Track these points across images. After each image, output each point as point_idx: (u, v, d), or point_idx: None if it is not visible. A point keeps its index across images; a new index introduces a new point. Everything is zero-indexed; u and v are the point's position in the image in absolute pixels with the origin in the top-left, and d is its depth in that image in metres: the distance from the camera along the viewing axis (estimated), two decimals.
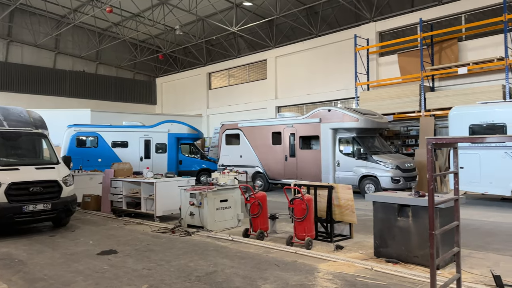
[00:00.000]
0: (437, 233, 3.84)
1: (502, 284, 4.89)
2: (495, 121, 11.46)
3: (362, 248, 7.05)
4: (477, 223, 9.23)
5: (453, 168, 4.39)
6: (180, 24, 24.22)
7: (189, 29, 25.82)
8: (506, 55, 14.42)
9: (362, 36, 19.49)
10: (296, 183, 8.00)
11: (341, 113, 14.45)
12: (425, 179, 14.14)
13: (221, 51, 27.35)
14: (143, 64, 31.94)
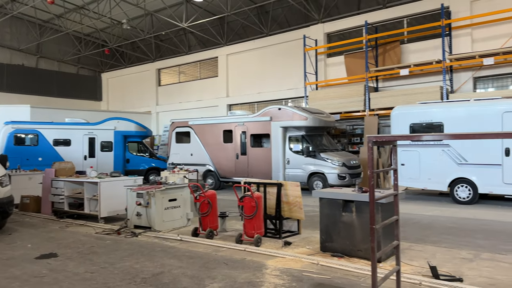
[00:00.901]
0: (377, 228, 3.99)
1: (437, 274, 5.19)
2: (433, 120, 12.16)
3: (309, 243, 7.20)
4: (417, 217, 9.75)
5: (393, 165, 4.59)
6: (127, 18, 23.44)
7: (137, 24, 25.07)
8: (443, 58, 15.35)
9: (311, 36, 19.92)
10: (246, 181, 8.02)
11: (291, 111, 14.69)
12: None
13: (171, 47, 26.81)
14: (88, 59, 30.59)
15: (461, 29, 15.93)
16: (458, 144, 11.66)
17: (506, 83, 15.39)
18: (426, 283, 4.94)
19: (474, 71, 15.70)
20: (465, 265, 5.80)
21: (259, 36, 22.59)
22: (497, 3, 15.07)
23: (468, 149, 11.49)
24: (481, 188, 11.26)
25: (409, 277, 5.11)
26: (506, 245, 6.91)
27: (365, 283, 4.99)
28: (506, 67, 15.06)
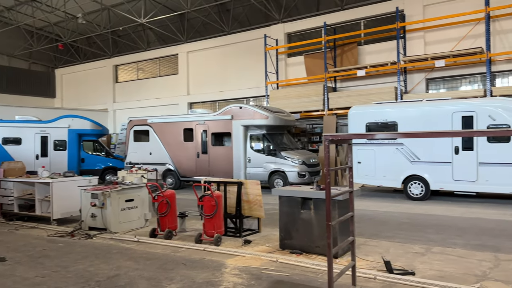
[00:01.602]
0: (333, 224, 4.07)
1: (391, 269, 5.37)
2: (388, 119, 12.60)
3: (269, 241, 7.25)
4: (373, 213, 10.07)
5: (349, 163, 4.70)
6: (83, 12, 22.57)
7: (93, 18, 24.19)
8: (398, 60, 15.92)
9: (272, 36, 20.05)
10: (206, 180, 7.95)
11: (252, 110, 14.72)
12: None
13: (129, 43, 26.10)
14: (41, 54, 29.19)
15: (415, 32, 16.59)
16: (411, 142, 12.14)
17: (456, 84, 16.20)
18: (380, 277, 5.09)
19: (427, 73, 16.41)
20: (417, 259, 6.04)
21: (220, 34, 22.46)
22: (448, 8, 15.82)
23: (420, 148, 11.99)
24: (432, 185, 11.79)
25: (364, 272, 5.26)
26: (455, 239, 7.27)
27: (322, 279, 5.08)
28: (456, 69, 15.85)
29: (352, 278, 4.44)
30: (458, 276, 5.25)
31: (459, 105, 11.46)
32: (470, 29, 15.34)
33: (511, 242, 6.90)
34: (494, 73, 15.08)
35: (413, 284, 4.85)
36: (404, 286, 4.82)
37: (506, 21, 14.79)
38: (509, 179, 10.62)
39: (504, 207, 10.48)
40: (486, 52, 14.31)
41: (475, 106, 11.19)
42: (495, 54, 14.47)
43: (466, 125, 11.22)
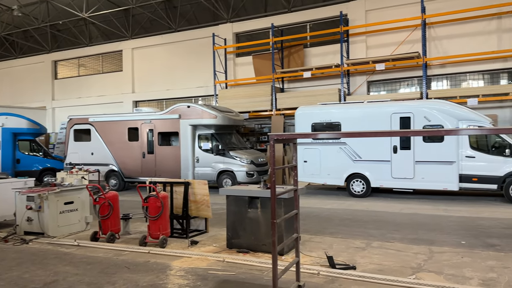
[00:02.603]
0: (278, 222, 4.14)
1: (334, 264, 5.56)
2: (332, 120, 13.02)
3: (216, 241, 7.22)
4: (317, 210, 10.36)
5: (294, 162, 4.79)
6: (18, 3, 21.14)
7: (31, 11, 22.73)
8: (341, 63, 16.50)
9: (220, 35, 19.99)
10: (152, 181, 7.76)
11: (200, 109, 14.58)
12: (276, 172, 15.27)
13: (69, 37, 24.83)
14: None
15: (358, 36, 17.29)
16: (354, 142, 12.64)
17: (395, 87, 17.09)
18: (323, 272, 5.26)
19: (368, 75, 17.16)
20: (358, 254, 6.30)
21: (167, 31, 22.01)
22: (388, 14, 16.63)
23: (362, 147, 12.52)
24: (373, 182, 12.35)
25: (309, 268, 5.40)
26: (393, 233, 7.66)
27: (267, 277, 5.15)
28: (395, 72, 16.71)
29: (296, 274, 4.54)
30: (396, 268, 5.54)
31: (398, 106, 12.11)
32: (408, 35, 16.24)
33: (443, 236, 7.40)
34: (429, 77, 16.09)
35: (354, 278, 5.05)
36: (345, 280, 5.00)
37: (440, 28, 15.83)
38: (442, 176, 11.38)
39: (438, 202, 11.22)
40: (422, 57, 15.22)
41: (412, 107, 11.87)
42: (430, 59, 15.45)
43: (403, 125, 11.87)
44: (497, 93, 14.22)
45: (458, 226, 8.17)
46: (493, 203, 10.84)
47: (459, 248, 6.49)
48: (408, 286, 4.75)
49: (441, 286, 4.70)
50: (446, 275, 5.24)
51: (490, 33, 15.08)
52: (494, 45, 14.97)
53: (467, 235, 7.39)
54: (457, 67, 15.61)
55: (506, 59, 14.79)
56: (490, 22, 15.08)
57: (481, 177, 11.03)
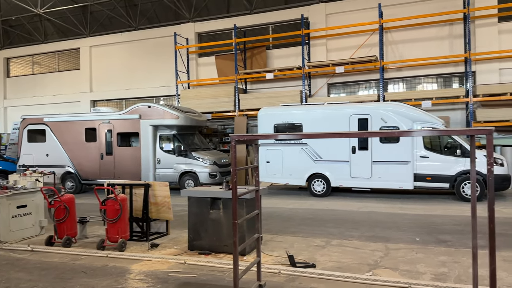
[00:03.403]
0: (239, 222, 4.15)
1: (294, 263, 5.65)
2: (294, 121, 13.21)
3: (178, 243, 7.14)
4: (280, 210, 10.47)
5: (255, 162, 4.83)
6: None
7: None
8: (303, 65, 16.77)
9: (182, 35, 19.77)
10: (110, 183, 7.56)
11: (161, 110, 14.35)
12: (238, 173, 15.30)
13: (23, 34, 23.70)
14: None
15: (318, 39, 17.64)
16: (315, 143, 12.88)
17: (354, 89, 17.57)
18: (284, 271, 5.33)
19: (328, 78, 17.54)
20: (318, 252, 6.44)
21: (127, 29, 21.50)
22: (348, 18, 17.08)
23: (322, 148, 12.78)
24: (333, 182, 12.64)
25: (270, 267, 5.45)
26: (352, 231, 7.88)
27: (229, 277, 5.16)
28: (354, 75, 17.19)
29: (257, 274, 4.57)
30: (354, 266, 5.70)
31: (356, 108, 12.47)
32: (366, 39, 16.76)
33: (399, 233, 7.70)
34: (386, 80, 16.68)
35: (314, 276, 5.16)
36: (305, 279, 5.10)
37: (397, 33, 16.45)
38: (398, 175, 11.83)
39: (394, 201, 11.64)
40: (379, 61, 15.75)
41: (369, 109, 12.26)
42: (387, 63, 16.02)
43: (362, 127, 12.24)
44: (449, 96, 14.95)
45: (413, 223, 8.53)
46: (445, 201, 11.39)
47: (414, 245, 6.77)
48: (365, 283, 4.91)
49: (396, 282, 4.89)
50: (401, 271, 5.45)
51: (443, 38, 15.84)
52: (447, 50, 15.75)
53: (421, 232, 7.73)
54: (412, 70, 16.28)
55: (457, 63, 15.59)
56: (442, 28, 15.85)
57: (434, 176, 11.56)
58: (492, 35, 15.04)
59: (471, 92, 14.59)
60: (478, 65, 15.23)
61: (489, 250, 3.33)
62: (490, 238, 3.34)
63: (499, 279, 4.98)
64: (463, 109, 15.53)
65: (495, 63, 15.05)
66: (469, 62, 14.70)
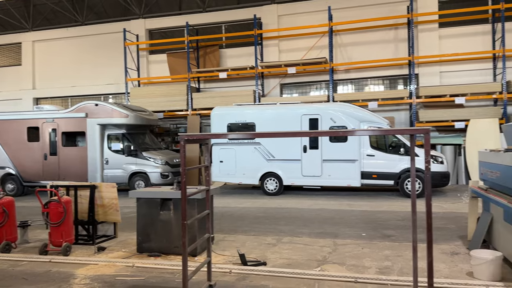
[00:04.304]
0: (189, 222, 4.11)
1: (245, 261, 5.68)
2: (247, 120, 13.27)
3: (126, 246, 6.94)
4: (232, 209, 10.48)
5: (206, 162, 4.80)
6: None
7: None
8: (256, 65, 16.88)
9: (132, 31, 19.23)
10: (53, 185, 7.20)
11: (110, 108, 13.87)
12: (191, 173, 15.13)
13: None
14: None
15: (271, 39, 17.83)
16: (267, 142, 13.02)
17: (306, 90, 17.95)
18: (235, 270, 5.34)
19: (281, 78, 17.79)
20: (269, 250, 6.51)
21: (73, 24, 20.56)
22: (299, 20, 17.40)
23: (275, 147, 12.94)
24: (285, 181, 12.84)
25: (221, 267, 5.45)
26: (302, 228, 8.05)
27: (179, 279, 5.09)
28: (305, 76, 17.56)
29: (207, 274, 4.55)
30: (303, 262, 5.83)
31: (307, 108, 12.75)
32: (317, 41, 17.16)
33: (346, 229, 7.96)
34: (336, 81, 17.19)
35: (264, 273, 5.21)
36: (256, 276, 5.14)
37: (346, 36, 16.99)
38: (346, 173, 12.23)
39: (342, 198, 12.03)
40: (329, 62, 16.20)
41: (319, 110, 12.58)
42: (336, 64, 16.51)
43: (312, 126, 12.53)
44: (394, 97, 15.67)
45: (359, 219, 8.85)
46: (390, 198, 11.93)
47: (360, 240, 7.04)
48: (313, 278, 5.04)
49: (342, 276, 5.05)
50: (348, 265, 5.64)
51: (389, 42, 16.57)
52: (392, 53, 16.49)
53: (367, 227, 8.04)
54: (360, 72, 16.90)
55: (402, 66, 16.37)
56: (388, 32, 16.57)
57: (380, 173, 12.07)
58: (433, 40, 15.95)
59: (414, 94, 15.39)
60: (420, 68, 16.09)
61: (427, 244, 3.53)
62: (428, 232, 3.54)
63: (438, 271, 5.29)
64: (407, 109, 16.35)
65: (436, 66, 15.97)
66: (412, 65, 15.50)
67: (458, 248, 6.38)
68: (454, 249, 6.30)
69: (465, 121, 14.44)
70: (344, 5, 16.85)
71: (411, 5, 15.31)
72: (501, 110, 14.55)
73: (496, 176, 5.76)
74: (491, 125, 13.55)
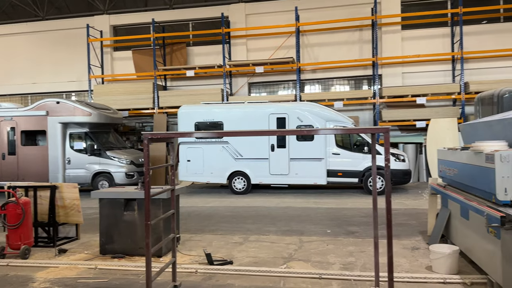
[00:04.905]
0: (153, 223, 4.05)
1: (212, 261, 5.65)
2: (215, 119, 13.21)
3: (89, 248, 6.75)
4: (199, 209, 10.41)
5: (171, 161, 4.74)
6: None
7: None
8: (224, 63, 16.82)
9: (96, 27, 18.69)
10: (11, 185, 6.90)
11: (72, 106, 13.45)
12: (158, 172, 14.91)
13: None
14: None
15: (239, 38, 17.81)
16: (235, 141, 13.01)
17: (274, 89, 18.06)
18: (201, 270, 5.31)
19: (249, 77, 17.81)
20: (236, 248, 6.52)
21: (33, 19, 19.75)
22: (267, 19, 17.45)
23: (243, 146, 12.95)
24: (253, 179, 12.88)
25: (187, 267, 5.40)
26: (269, 226, 8.10)
27: (143, 280, 5.00)
28: (273, 76, 17.65)
29: (172, 275, 4.50)
30: (269, 260, 5.87)
31: (275, 108, 12.84)
32: (284, 41, 17.29)
33: (312, 226, 8.08)
34: (303, 81, 17.39)
35: (230, 272, 5.21)
36: (222, 276, 5.14)
37: (312, 36, 17.22)
38: (313, 172, 12.41)
39: (309, 196, 12.20)
40: (296, 62, 16.37)
41: (287, 109, 12.69)
42: (303, 64, 16.71)
43: (280, 125, 12.63)
44: (359, 97, 16.04)
45: (325, 216, 9.01)
46: (355, 195, 12.20)
47: (325, 237, 7.16)
48: (279, 276, 5.09)
49: (307, 273, 5.13)
50: (313, 262, 5.73)
51: (354, 43, 16.93)
52: (357, 54, 16.86)
53: (332, 224, 8.20)
54: (326, 72, 17.18)
55: (366, 67, 16.77)
56: (353, 33, 16.93)
57: (345, 171, 12.33)
58: (396, 42, 16.43)
59: (378, 94, 15.81)
60: (384, 69, 16.55)
61: (387, 240, 3.64)
62: (388, 228, 3.65)
63: (399, 265, 5.47)
64: (371, 109, 16.78)
65: (399, 67, 16.47)
66: (376, 66, 15.91)
67: (418, 243, 6.61)
68: (415, 244, 6.53)
69: (426, 120, 14.97)
70: (311, 6, 17.06)
71: (375, 7, 15.71)
72: (459, 110, 15.20)
73: (453, 173, 6.01)
74: (450, 124, 14.13)
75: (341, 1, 16.82)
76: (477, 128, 6.06)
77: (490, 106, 10.91)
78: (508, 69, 15.58)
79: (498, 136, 5.21)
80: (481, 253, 4.81)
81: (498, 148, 4.64)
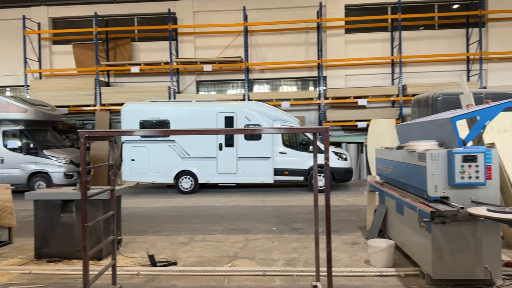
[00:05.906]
0: (92, 225, 3.90)
1: (155, 262, 5.53)
2: (161, 117, 12.92)
3: (23, 252, 6.35)
4: (144, 209, 10.14)
5: (110, 160, 4.58)
6: None
7: None
8: (171, 61, 16.51)
9: (33, 19, 17.59)
10: None
11: (5, 102, 12.59)
12: (100, 172, 14.34)
13: None
14: None
15: (186, 35, 17.56)
16: (182, 140, 12.82)
17: (222, 88, 18.01)
18: (144, 272, 5.19)
19: (197, 75, 17.62)
20: (181, 249, 6.43)
21: None
22: (215, 17, 17.32)
23: (190, 144, 12.80)
24: (201, 179, 12.77)
25: (128, 269, 5.25)
26: (215, 226, 8.08)
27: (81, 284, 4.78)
28: (222, 74, 17.60)
29: (112, 278, 4.35)
30: (215, 259, 5.86)
31: (223, 106, 12.81)
32: (232, 39, 17.30)
33: (258, 224, 8.17)
34: (251, 80, 17.50)
35: (174, 273, 5.14)
36: (165, 277, 5.05)
37: (260, 36, 17.37)
38: (260, 170, 12.54)
39: (256, 194, 12.31)
40: (244, 62, 16.44)
41: (235, 108, 12.72)
42: (251, 64, 16.82)
43: (228, 124, 12.62)
44: (305, 97, 16.42)
45: (271, 214, 9.14)
46: (300, 193, 12.49)
47: (270, 234, 7.27)
48: (223, 274, 5.09)
49: (252, 271, 5.18)
50: (258, 259, 5.80)
51: (300, 45, 17.31)
52: (303, 55, 17.25)
53: (277, 222, 8.34)
54: (274, 73, 17.42)
55: (312, 68, 17.22)
56: (300, 35, 17.30)
57: (291, 170, 12.58)
58: (339, 45, 17.02)
59: (323, 95, 16.30)
60: (328, 71, 17.07)
61: (326, 235, 3.76)
62: (327, 224, 3.78)
63: (339, 260, 5.68)
64: (316, 110, 17.25)
65: (342, 69, 17.07)
66: (321, 67, 16.39)
67: (358, 238, 6.90)
68: (355, 239, 6.81)
69: (367, 121, 15.65)
70: (259, 6, 17.20)
71: (320, 10, 16.17)
72: (397, 111, 16.04)
73: (390, 171, 6.35)
74: (389, 125, 14.88)
75: (288, 3, 17.13)
76: (411, 128, 6.44)
77: (425, 108, 11.65)
78: (442, 73, 16.68)
79: (430, 136, 5.56)
80: (414, 247, 5.12)
81: (429, 147, 4.96)
